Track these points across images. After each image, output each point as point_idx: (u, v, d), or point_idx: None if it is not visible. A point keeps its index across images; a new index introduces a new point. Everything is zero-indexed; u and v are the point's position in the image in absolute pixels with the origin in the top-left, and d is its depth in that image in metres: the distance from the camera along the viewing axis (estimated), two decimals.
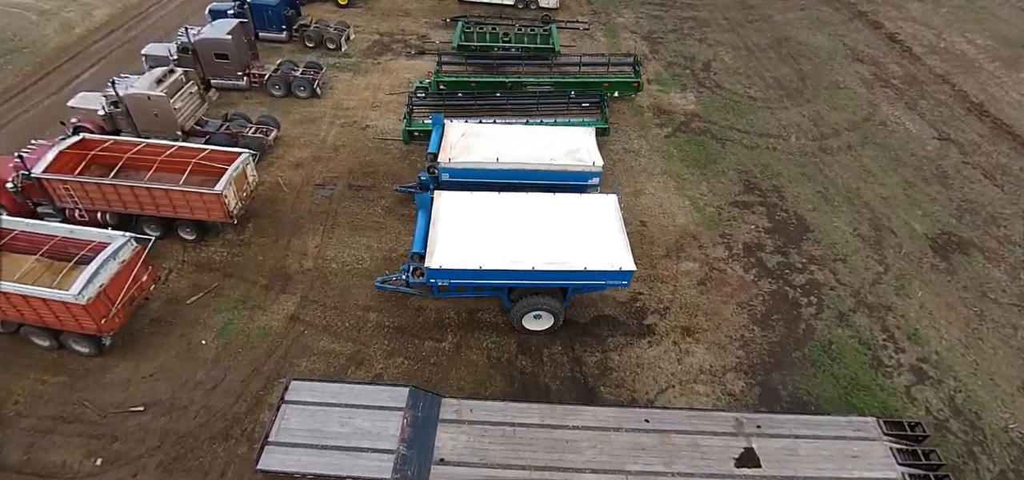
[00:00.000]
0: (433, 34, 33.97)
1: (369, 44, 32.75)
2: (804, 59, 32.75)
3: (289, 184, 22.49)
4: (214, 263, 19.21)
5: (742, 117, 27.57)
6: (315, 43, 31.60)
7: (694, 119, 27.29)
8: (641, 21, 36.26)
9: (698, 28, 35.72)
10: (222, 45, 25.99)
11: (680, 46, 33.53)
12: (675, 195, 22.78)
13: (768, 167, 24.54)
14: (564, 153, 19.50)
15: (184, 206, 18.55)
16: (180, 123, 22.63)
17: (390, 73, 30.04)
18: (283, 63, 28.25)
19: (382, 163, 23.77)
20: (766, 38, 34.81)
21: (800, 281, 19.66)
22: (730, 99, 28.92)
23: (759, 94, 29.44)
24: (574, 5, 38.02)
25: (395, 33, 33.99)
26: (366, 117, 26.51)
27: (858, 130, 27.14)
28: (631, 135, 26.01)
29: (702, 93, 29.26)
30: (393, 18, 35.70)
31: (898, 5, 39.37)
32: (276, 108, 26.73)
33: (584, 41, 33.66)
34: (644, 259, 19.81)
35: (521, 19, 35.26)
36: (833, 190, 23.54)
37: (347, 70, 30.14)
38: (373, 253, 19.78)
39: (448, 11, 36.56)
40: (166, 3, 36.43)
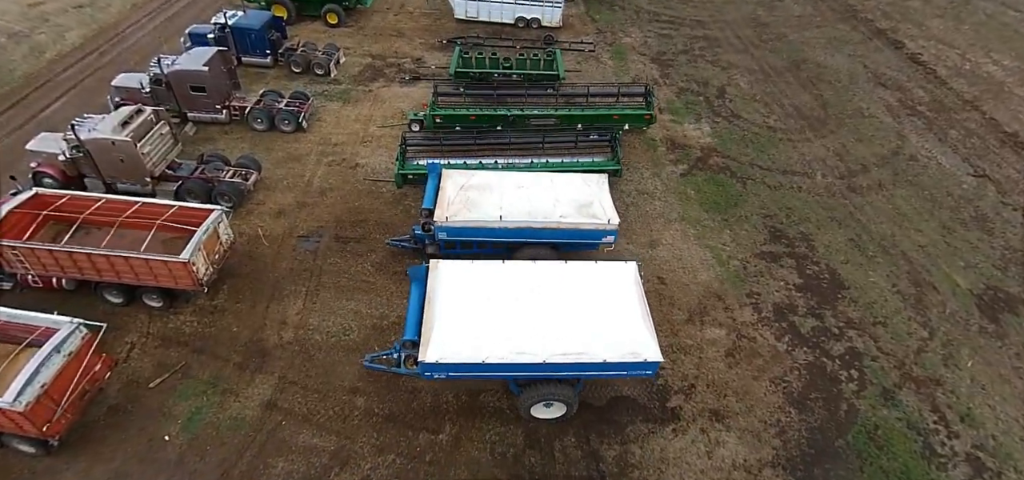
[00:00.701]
0: (429, 57, 31.85)
1: (360, 68, 30.61)
2: (824, 83, 30.74)
3: (269, 236, 20.36)
4: (183, 335, 17.09)
5: (763, 151, 25.54)
6: (302, 69, 29.45)
7: (711, 154, 25.26)
8: (649, 41, 34.21)
9: (710, 49, 33.69)
10: (198, 77, 23.84)
11: (692, 69, 31.48)
12: (695, 245, 20.74)
13: (794, 211, 22.52)
14: (575, 208, 17.45)
15: (148, 274, 16.43)
16: (149, 169, 20.48)
17: (382, 102, 27.92)
18: (266, 93, 26.11)
19: (373, 209, 21.66)
20: (782, 60, 32.80)
21: (838, 350, 17.65)
22: (748, 130, 26.90)
23: (779, 124, 27.43)
24: (578, 23, 35.97)
25: (388, 56, 31.86)
26: (356, 154, 24.38)
27: (887, 165, 25.16)
28: (644, 173, 23.95)
29: (718, 123, 27.22)
30: (386, 39, 33.57)
31: (918, 22, 37.45)
32: (258, 144, 24.60)
33: (589, 64, 31.60)
34: (665, 326, 17.77)
35: (522, 39, 33.19)
36: (866, 237, 21.54)
37: (336, 99, 28.01)
38: (362, 321, 17.68)
39: (444, 31, 34.44)
40: (144, 23, 34.21)
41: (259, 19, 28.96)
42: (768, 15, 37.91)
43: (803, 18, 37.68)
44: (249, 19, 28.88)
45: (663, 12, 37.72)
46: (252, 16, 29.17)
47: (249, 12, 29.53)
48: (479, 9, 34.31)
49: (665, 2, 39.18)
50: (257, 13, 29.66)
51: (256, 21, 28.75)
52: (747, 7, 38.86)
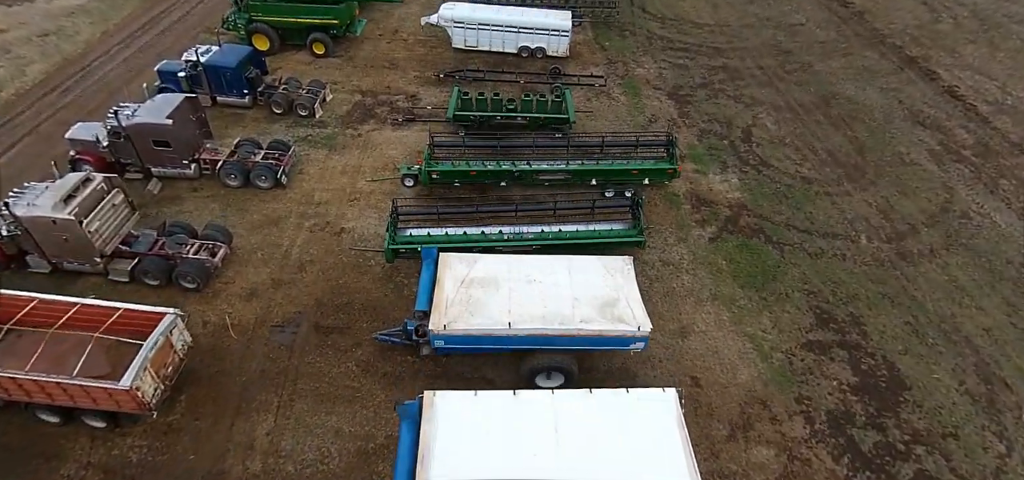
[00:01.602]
0: (424, 93, 29.02)
1: (349, 107, 27.76)
2: (858, 123, 28.04)
3: (239, 325, 17.54)
4: (129, 465, 14.27)
5: (798, 208, 22.82)
6: (284, 109, 26.57)
7: (742, 212, 22.51)
8: (664, 72, 31.43)
9: (731, 81, 30.94)
10: (162, 131, 20.98)
11: (713, 107, 28.73)
12: (732, 334, 18.00)
13: (840, 285, 19.80)
14: (598, 308, 14.70)
15: (85, 399, 13.61)
16: (99, 248, 17.64)
17: (373, 149, 25.07)
18: (241, 143, 23.26)
19: (359, 288, 18.86)
20: (810, 94, 30.07)
21: (907, 474, 14.94)
22: (780, 181, 24.16)
23: (813, 173, 24.70)
24: (586, 52, 33.17)
25: (379, 92, 29.00)
26: (341, 216, 21.56)
27: (937, 225, 22.47)
28: (667, 238, 21.21)
29: (747, 174, 24.47)
30: (377, 71, 30.70)
31: (950, 49, 34.78)
32: (231, 204, 21.77)
33: (600, 100, 28.82)
34: (703, 443, 15.05)
35: (526, 72, 30.37)
36: (924, 319, 18.84)
37: (321, 145, 25.16)
38: (343, 443, 14.89)
39: (441, 62, 31.61)
40: (114, 54, 31.30)
41: (235, 55, 26.06)
42: (790, 41, 35.19)
43: (827, 44, 34.96)
44: (224, 55, 25.98)
45: (677, 38, 34.96)
46: (228, 51, 26.27)
47: (225, 47, 26.62)
48: (479, 38, 31.48)
49: (678, 27, 36.43)
50: (233, 48, 26.76)
51: (232, 57, 25.85)
52: (767, 32, 36.14)
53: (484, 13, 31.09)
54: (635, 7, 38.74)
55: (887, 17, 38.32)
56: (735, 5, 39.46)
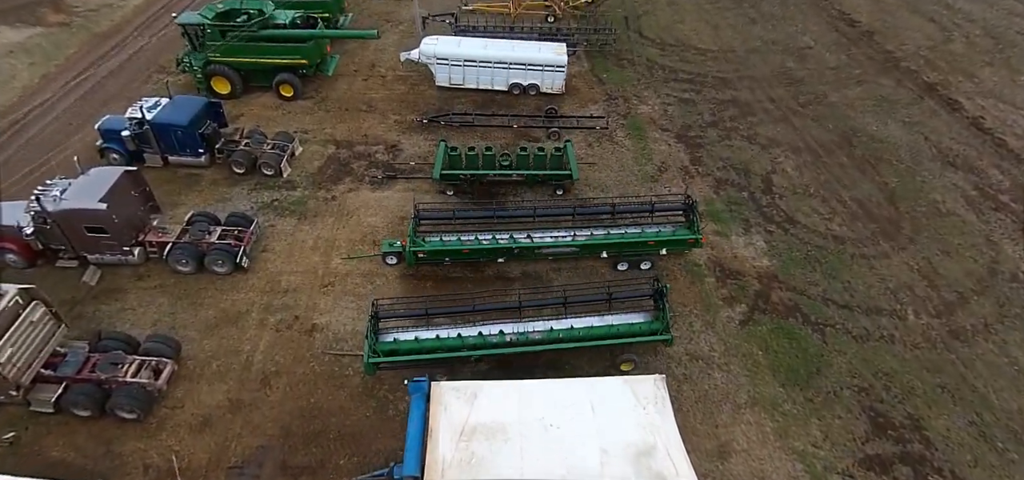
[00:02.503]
0: (406, 142, 25.93)
1: (321, 162, 24.57)
2: (884, 165, 25.60)
3: (187, 469, 14.36)
4: None
5: (834, 277, 20.25)
6: (246, 169, 23.31)
7: (773, 284, 19.87)
8: (670, 109, 28.71)
9: (742, 117, 28.33)
10: (95, 217, 17.68)
11: (727, 150, 26.07)
12: (778, 451, 15.31)
13: (893, 377, 17.24)
14: (632, 462, 11.90)
15: None
16: (13, 379, 14.34)
17: (349, 215, 21.97)
18: (195, 219, 20.02)
19: (335, 409, 15.81)
20: (829, 132, 27.59)
21: None
22: (811, 242, 21.58)
23: (845, 230, 22.17)
24: (583, 86, 30.33)
25: (356, 142, 25.85)
26: (313, 307, 18.47)
27: (987, 292, 20.07)
28: (693, 322, 18.48)
29: (773, 234, 21.84)
30: (353, 116, 27.52)
31: (967, 73, 32.60)
32: (182, 296, 18.57)
33: (602, 146, 25.99)
34: None
35: (518, 114, 27.44)
36: (990, 418, 16.37)
37: (289, 212, 21.99)
38: None
39: (423, 102, 28.55)
40: (54, 104, 27.75)
41: (188, 110, 22.72)
42: (800, 68, 32.73)
43: (840, 71, 32.55)
44: (175, 110, 22.63)
45: (680, 68, 32.28)
46: (179, 105, 22.92)
47: (176, 99, 23.27)
48: (465, 76, 28.45)
49: (680, 53, 33.77)
50: (186, 101, 23.40)
51: (184, 113, 22.51)
52: (774, 58, 33.64)
53: (470, 48, 28.07)
54: (631, 31, 36.03)
55: (897, 37, 36.09)
56: (737, 27, 36.95)
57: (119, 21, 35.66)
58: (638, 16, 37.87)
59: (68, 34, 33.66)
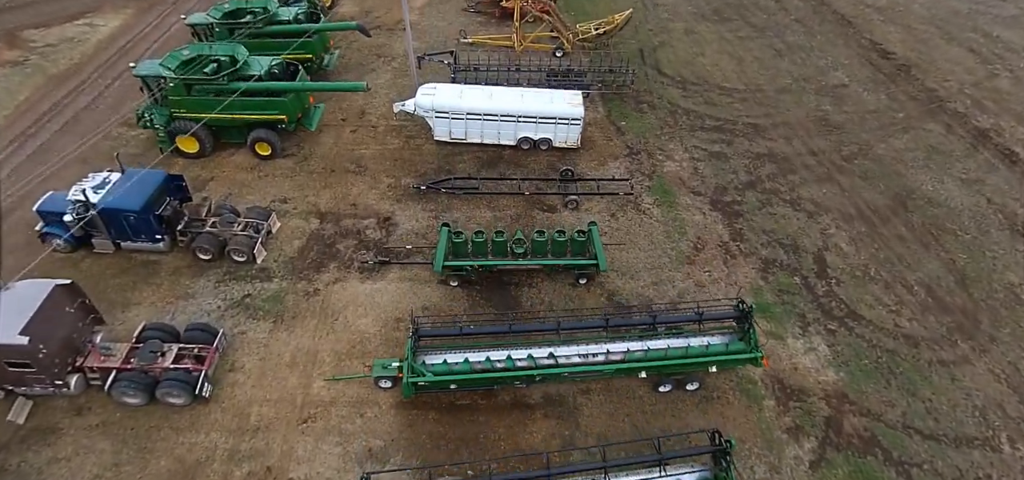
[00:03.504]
0: (401, 213, 22.48)
1: (302, 242, 21.09)
2: (948, 236, 22.43)
3: None
4: None
5: (913, 393, 17.04)
6: (213, 255, 19.80)
7: (844, 407, 16.61)
8: (700, 166, 25.40)
9: (782, 175, 25.07)
10: (16, 352, 14.13)
11: (770, 219, 22.79)
12: None
13: None
14: None
15: None
16: None
17: (334, 318, 18.52)
18: (146, 335, 16.47)
19: None
20: (880, 193, 24.39)
21: None
22: (880, 344, 18.37)
23: (917, 326, 18.97)
24: (600, 136, 26.97)
25: (343, 213, 22.38)
26: (289, 454, 15.03)
27: None
28: (754, 466, 15.19)
29: (835, 335, 18.58)
30: (340, 179, 24.04)
31: (1019, 115, 29.48)
32: (128, 439, 15.12)
33: (627, 215, 22.64)
34: None
35: (529, 176, 24.05)
36: None
37: (263, 313, 18.51)
38: None
39: (420, 162, 25.10)
40: None
41: (142, 189, 19.16)
42: (837, 111, 29.53)
43: (881, 115, 29.37)
44: (127, 191, 19.06)
45: (706, 112, 28.99)
46: (133, 183, 19.36)
47: (129, 176, 19.70)
48: (468, 130, 25.02)
49: (704, 94, 30.49)
50: (141, 177, 19.79)
51: (137, 194, 18.95)
52: (808, 98, 30.43)
53: (474, 100, 24.62)
54: (648, 66, 32.72)
55: (937, 72, 32.99)
56: (763, 60, 33.72)
57: (79, 59, 31.96)
58: (654, 48, 34.57)
59: (21, 77, 29.98)
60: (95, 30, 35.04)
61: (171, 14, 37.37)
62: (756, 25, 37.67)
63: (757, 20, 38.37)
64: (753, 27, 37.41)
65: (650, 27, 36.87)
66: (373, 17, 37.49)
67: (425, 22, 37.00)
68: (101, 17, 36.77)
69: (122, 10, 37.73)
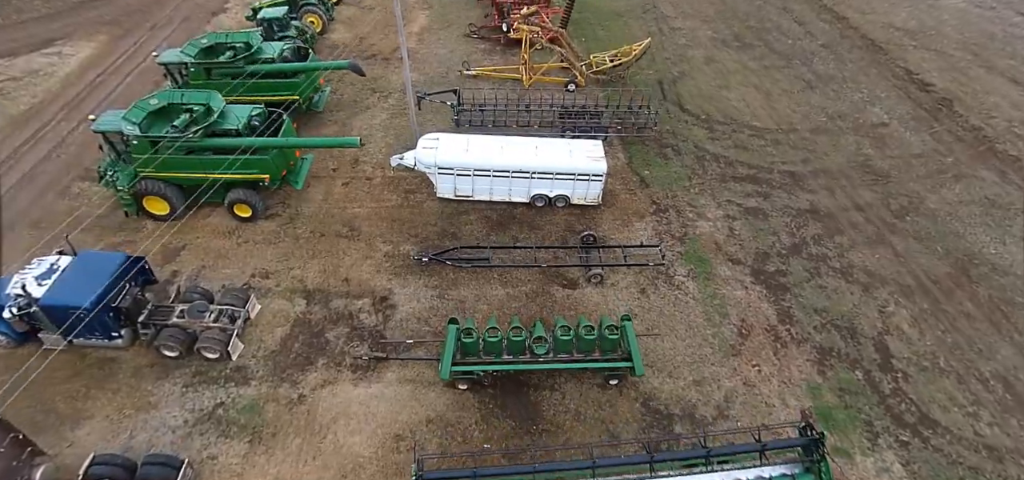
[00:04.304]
0: (401, 291, 19.64)
1: (286, 331, 18.23)
2: (1019, 312, 19.76)
3: None
4: None
5: None
6: (181, 352, 16.92)
7: None
8: (735, 225, 22.65)
9: (828, 237, 22.36)
10: None
11: (820, 294, 20.07)
12: None
13: None
14: None
15: None
16: None
17: (322, 434, 15.68)
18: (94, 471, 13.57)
19: None
20: (938, 257, 21.72)
21: None
22: (961, 460, 15.70)
23: (998, 434, 16.33)
24: (621, 188, 24.18)
25: (333, 290, 19.54)
26: None
27: None
28: None
29: (910, 449, 15.88)
30: (330, 246, 21.19)
31: None
32: None
33: (659, 292, 19.86)
34: None
35: (544, 244, 21.26)
36: None
37: (237, 429, 15.66)
38: None
39: (421, 222, 22.27)
40: None
41: (96, 279, 16.26)
42: (880, 155, 26.84)
43: (928, 160, 26.70)
44: (76, 282, 16.19)
45: (736, 157, 26.25)
46: (85, 272, 16.51)
47: (82, 258, 16.87)
48: (475, 187, 22.21)
49: (732, 134, 27.76)
50: (95, 263, 16.94)
51: (89, 286, 16.02)
52: (846, 140, 27.74)
53: (482, 154, 21.80)
54: (669, 101, 29.98)
55: (980, 107, 30.38)
56: (792, 94, 31.03)
57: (43, 97, 28.96)
58: (674, 80, 31.81)
59: None
60: (64, 61, 32.05)
61: (148, 41, 34.41)
62: (781, 52, 34.98)
63: (781, 46, 35.68)
64: (778, 54, 34.72)
65: (668, 55, 34.13)
66: (367, 45, 34.62)
67: (424, 50, 34.15)
68: (72, 45, 33.78)
69: (95, 36, 34.74)
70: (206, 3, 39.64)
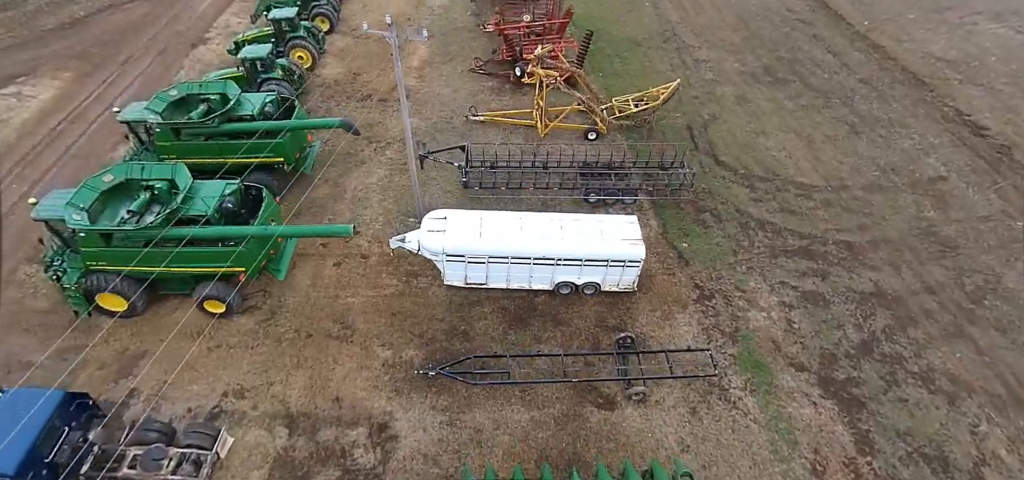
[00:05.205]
0: (402, 414, 16.39)
1: (263, 474, 14.90)
2: None
3: None
4: None
5: None
6: None
7: None
8: (794, 316, 19.48)
9: (901, 329, 19.22)
10: None
11: (901, 411, 16.90)
12: None
13: None
14: None
15: None
16: None
17: None
18: None
19: None
20: None
21: None
22: None
23: None
24: (656, 265, 20.99)
25: (321, 416, 16.26)
26: None
27: None
28: None
29: None
30: (318, 353, 17.90)
31: None
32: None
33: (713, 409, 16.66)
34: None
35: (571, 350, 18.00)
36: None
37: None
38: None
39: (425, 315, 19.02)
40: None
41: (23, 431, 12.93)
42: (943, 219, 23.72)
43: (996, 223, 23.59)
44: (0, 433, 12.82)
45: (785, 225, 23.07)
46: (6, 414, 13.15)
47: (11, 398, 13.50)
48: (490, 274, 18.94)
49: (776, 194, 24.60)
50: (25, 406, 13.58)
51: (14, 442, 12.68)
52: (904, 200, 24.60)
53: (498, 238, 18.52)
54: (701, 151, 26.78)
55: None
56: (837, 140, 27.89)
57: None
58: (704, 124, 28.62)
59: None
60: (23, 104, 28.66)
61: (118, 79, 31.03)
62: (818, 89, 31.82)
63: (817, 81, 32.53)
64: (815, 91, 31.56)
65: (695, 93, 30.93)
66: (362, 82, 31.32)
67: (426, 88, 30.86)
68: (33, 83, 30.42)
69: (60, 74, 31.35)
70: (186, 32, 36.25)
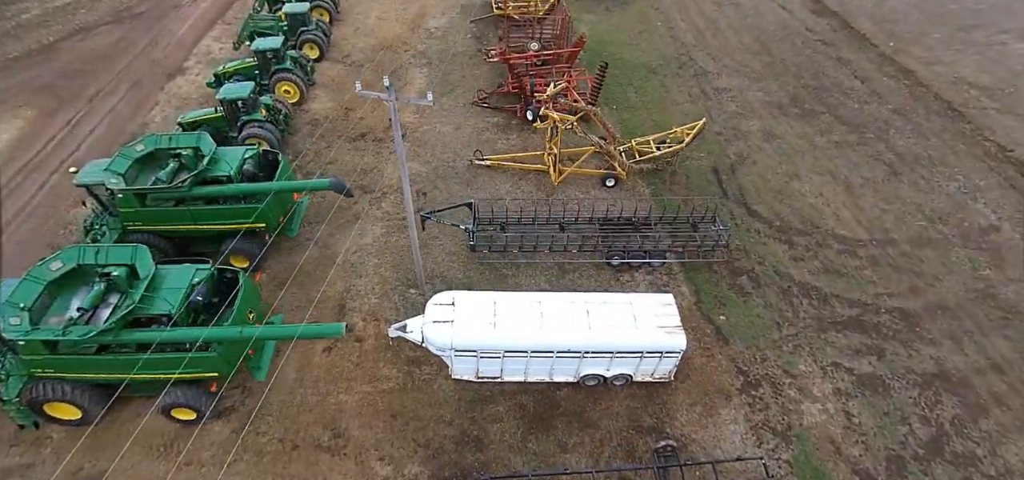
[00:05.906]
0: None
1: None
2: None
3: None
4: None
5: None
6: None
7: None
8: (853, 409, 17.01)
9: (971, 421, 16.84)
10: None
11: None
12: None
13: None
14: None
15: None
16: None
17: None
18: None
19: None
20: None
21: None
22: None
23: None
24: (697, 352, 18.45)
25: None
26: None
27: None
28: None
29: None
30: (305, 471, 15.24)
31: None
32: None
33: None
34: None
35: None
36: None
37: None
38: None
39: (430, 421, 16.39)
40: None
41: None
42: (1001, 278, 21.36)
43: None
44: None
45: (830, 289, 20.62)
46: None
47: None
48: (504, 368, 16.33)
49: (818, 250, 22.14)
50: None
51: None
52: (957, 256, 22.21)
53: (515, 328, 15.85)
54: (730, 199, 24.26)
55: None
56: (876, 184, 25.46)
57: None
58: (731, 166, 26.12)
59: None
60: None
61: (85, 119, 28.20)
62: (850, 122, 29.41)
63: (848, 112, 30.12)
64: (847, 125, 29.15)
65: (718, 129, 28.44)
66: (355, 119, 28.64)
67: (425, 126, 28.22)
68: None
69: (21, 112, 28.45)
70: (162, 60, 33.39)
